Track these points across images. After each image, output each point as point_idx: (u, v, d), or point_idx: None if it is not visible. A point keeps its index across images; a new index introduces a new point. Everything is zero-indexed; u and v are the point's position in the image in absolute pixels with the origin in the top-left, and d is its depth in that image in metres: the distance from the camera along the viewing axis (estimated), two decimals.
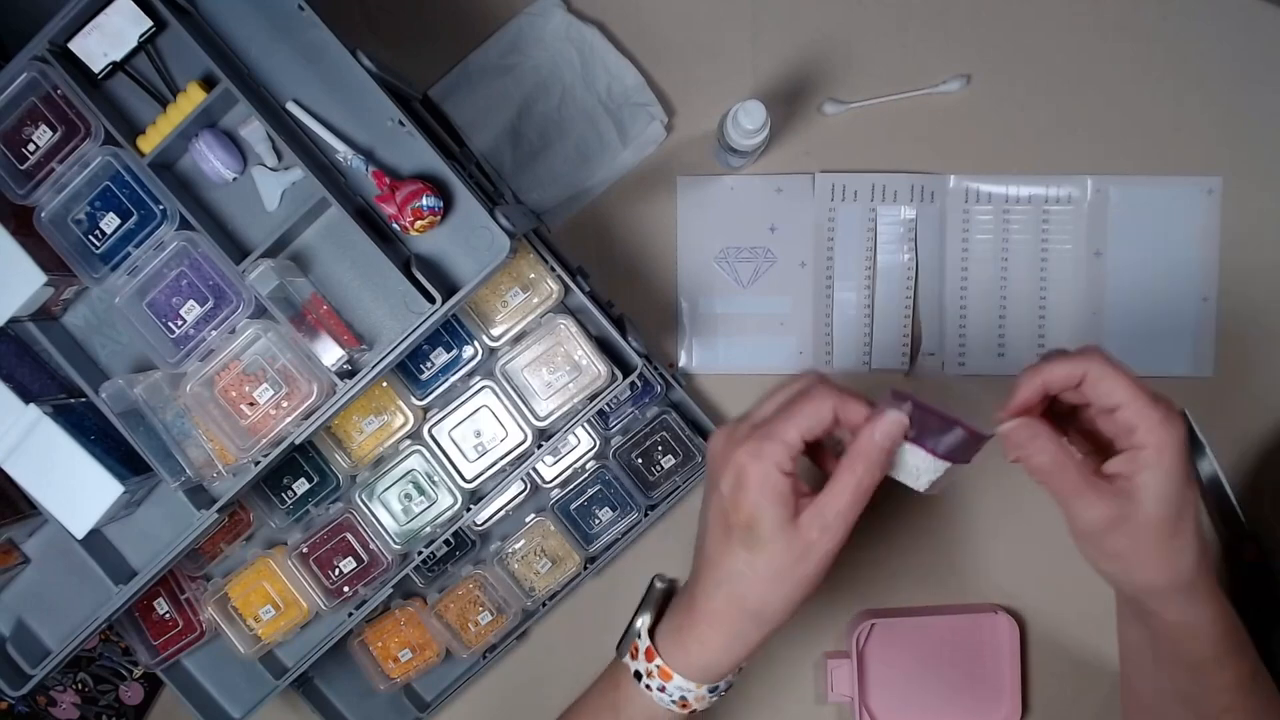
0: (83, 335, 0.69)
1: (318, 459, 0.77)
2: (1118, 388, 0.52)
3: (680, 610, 0.59)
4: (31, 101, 0.64)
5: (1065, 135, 0.86)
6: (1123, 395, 0.52)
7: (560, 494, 0.83)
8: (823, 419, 0.54)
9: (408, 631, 0.82)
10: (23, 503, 0.70)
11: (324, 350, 0.64)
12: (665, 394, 0.84)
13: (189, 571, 0.78)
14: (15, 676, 0.70)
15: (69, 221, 0.65)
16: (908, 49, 0.86)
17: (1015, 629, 0.84)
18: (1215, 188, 0.85)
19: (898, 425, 0.54)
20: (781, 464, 0.53)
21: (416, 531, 0.76)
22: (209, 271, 0.65)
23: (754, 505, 0.53)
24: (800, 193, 0.86)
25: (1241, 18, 0.85)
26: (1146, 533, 0.53)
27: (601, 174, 0.86)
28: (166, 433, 0.66)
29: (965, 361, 0.86)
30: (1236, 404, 0.85)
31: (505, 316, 0.75)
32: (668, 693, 0.58)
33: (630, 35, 0.86)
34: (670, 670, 0.58)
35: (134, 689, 0.89)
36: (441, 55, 0.86)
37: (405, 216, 0.63)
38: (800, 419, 0.53)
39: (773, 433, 0.53)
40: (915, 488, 0.56)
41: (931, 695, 0.85)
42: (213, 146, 0.64)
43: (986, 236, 0.86)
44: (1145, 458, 0.52)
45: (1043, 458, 0.53)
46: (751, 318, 0.87)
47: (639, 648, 0.60)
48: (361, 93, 0.64)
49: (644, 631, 0.60)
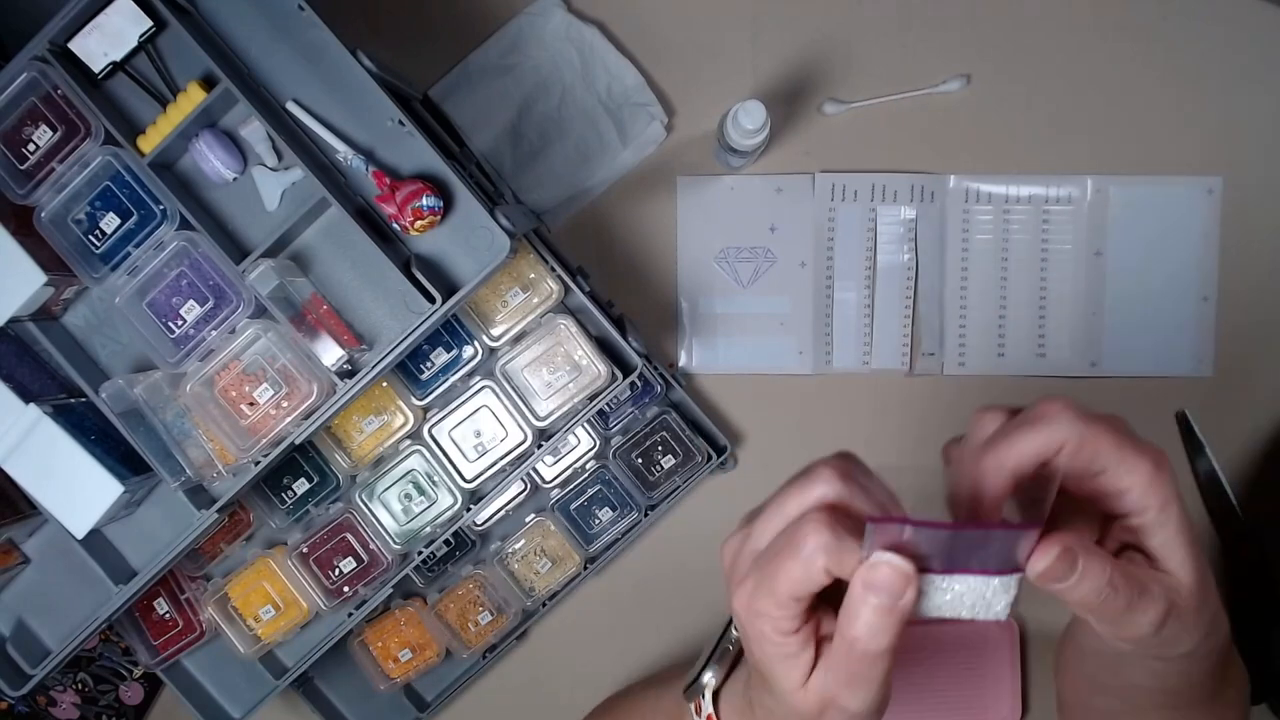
0: (83, 335, 0.69)
1: (318, 459, 0.77)
2: (1103, 449, 0.41)
3: (743, 690, 0.52)
4: (31, 101, 0.64)
5: (1065, 135, 0.86)
6: (1109, 457, 0.41)
7: (560, 494, 0.83)
8: (813, 579, 0.40)
9: (408, 631, 0.82)
10: (23, 503, 0.70)
11: (324, 350, 0.64)
12: (665, 394, 0.84)
13: (189, 571, 0.78)
14: (15, 676, 0.70)
15: (69, 221, 0.65)
16: (908, 49, 0.86)
17: (1015, 629, 0.84)
18: (1215, 188, 0.85)
19: (893, 577, 0.39)
20: (780, 627, 0.42)
21: (416, 531, 0.76)
22: (209, 271, 0.65)
23: (763, 666, 0.44)
24: (800, 193, 0.86)
25: (1241, 18, 0.85)
26: (1189, 603, 0.43)
27: (601, 174, 0.86)
28: (166, 433, 0.66)
29: (965, 361, 0.86)
30: (1236, 404, 0.85)
31: (505, 316, 0.75)
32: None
33: (630, 35, 0.86)
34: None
35: (134, 689, 0.89)
36: (441, 55, 0.86)
37: (405, 216, 0.63)
38: (787, 578, 0.40)
39: (763, 587, 0.41)
40: (992, 618, 0.43)
41: (931, 695, 0.85)
42: (213, 146, 0.64)
43: (986, 236, 0.86)
44: (1154, 520, 0.42)
45: (1094, 584, 0.40)
46: (751, 318, 0.87)
47: (702, 707, 0.53)
48: (361, 93, 0.64)
49: (708, 695, 0.53)
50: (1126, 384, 0.86)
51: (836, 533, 0.39)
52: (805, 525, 0.40)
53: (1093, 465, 0.41)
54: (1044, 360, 0.86)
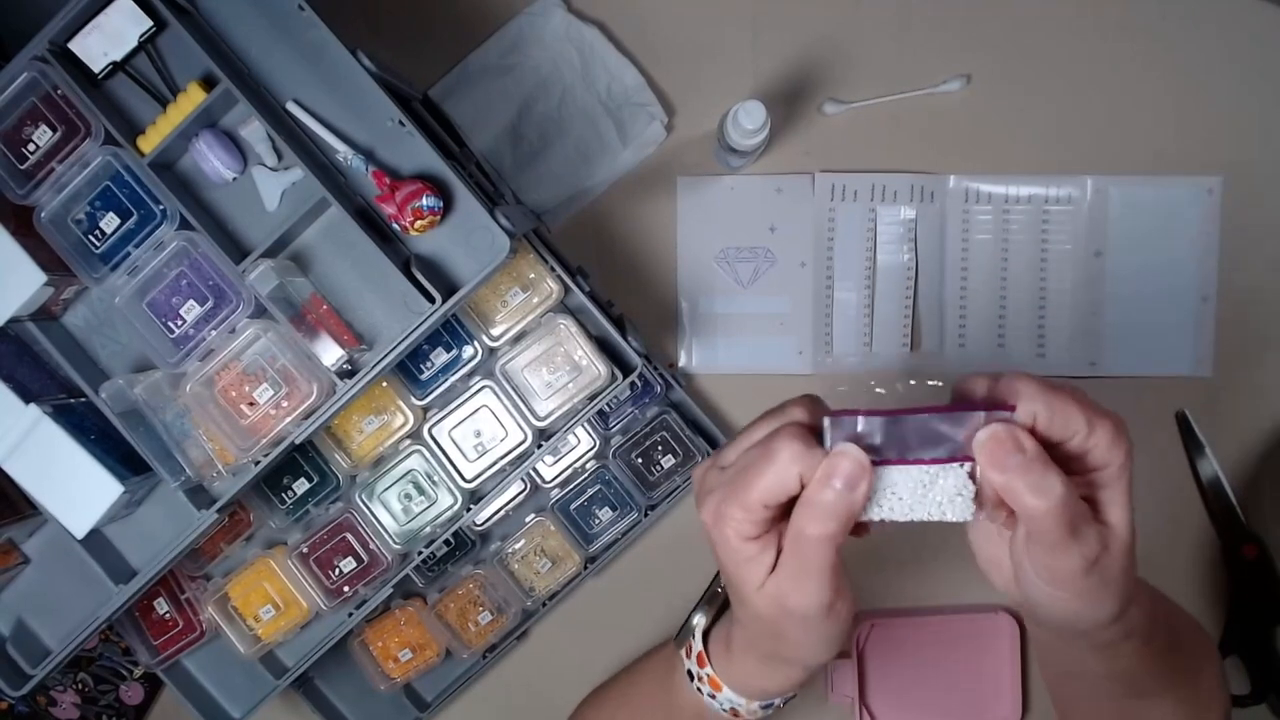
0: (83, 335, 0.69)
1: (318, 459, 0.77)
2: (1072, 416, 0.43)
3: (728, 624, 0.56)
4: (31, 101, 0.64)
5: (1065, 135, 0.86)
6: (1078, 421, 0.43)
7: (560, 494, 0.83)
8: (786, 485, 0.43)
9: (408, 631, 0.82)
10: (23, 503, 0.70)
11: (324, 350, 0.64)
12: (665, 394, 0.84)
13: (189, 571, 0.78)
14: (15, 676, 0.70)
15: (69, 221, 0.65)
16: (908, 49, 0.86)
17: (1015, 629, 0.84)
18: (1215, 188, 0.85)
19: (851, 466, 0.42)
20: (742, 531, 0.45)
21: (416, 531, 0.76)
22: (209, 271, 0.65)
23: (726, 570, 0.47)
24: (800, 193, 0.86)
25: (1241, 18, 0.85)
26: (1118, 556, 0.45)
27: (601, 174, 0.86)
28: (166, 433, 0.66)
29: (965, 361, 0.86)
30: (1236, 404, 0.85)
31: (505, 316, 0.75)
32: (719, 701, 0.57)
33: (630, 35, 0.86)
34: (720, 682, 0.56)
35: (134, 689, 0.89)
36: (441, 55, 0.86)
37: (405, 216, 0.62)
38: (760, 483, 0.43)
39: (734, 494, 0.44)
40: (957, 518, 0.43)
41: (931, 695, 0.85)
42: (213, 146, 0.64)
43: (986, 236, 0.86)
44: (1113, 476, 0.44)
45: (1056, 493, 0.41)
46: (751, 318, 0.87)
47: (692, 648, 0.58)
48: (361, 93, 0.64)
49: (698, 634, 0.58)
50: (1126, 384, 0.86)
51: (808, 441, 0.43)
52: (779, 436, 0.44)
53: (1065, 431, 0.43)
54: (1043, 360, 0.86)
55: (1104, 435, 0.43)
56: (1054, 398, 0.42)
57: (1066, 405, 0.43)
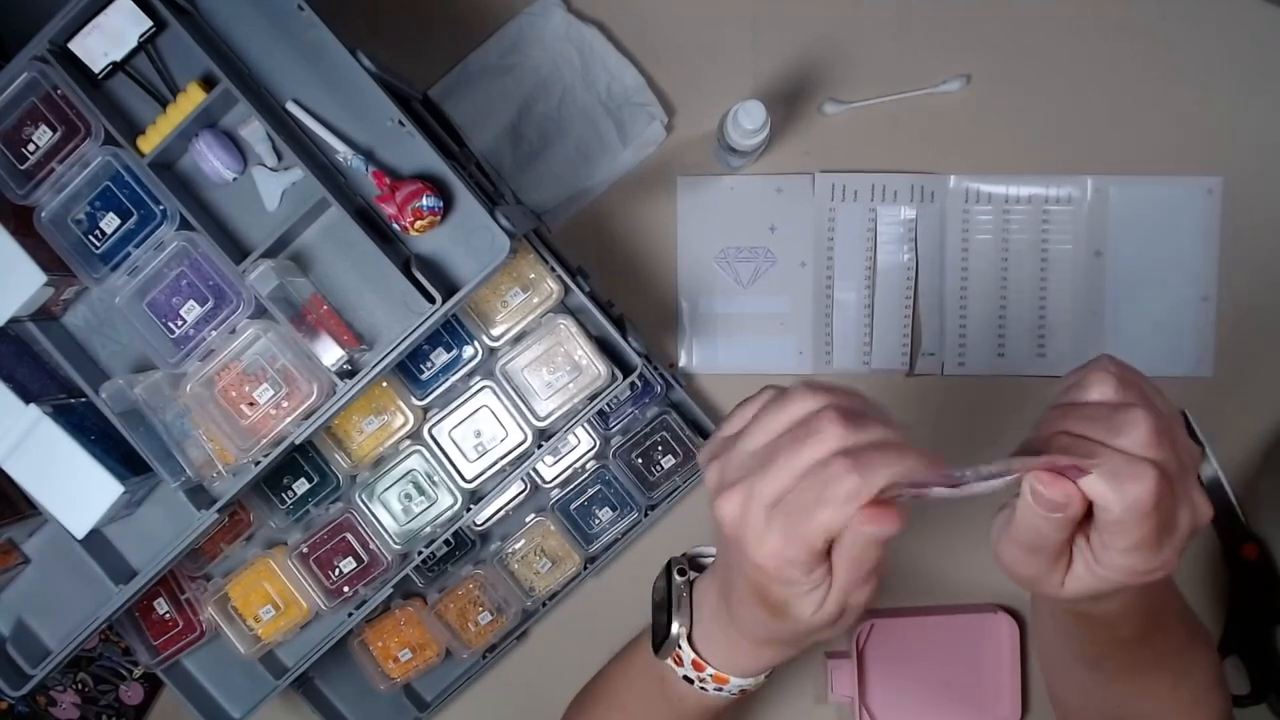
0: (83, 335, 0.69)
1: (318, 459, 0.76)
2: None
3: (722, 621, 0.55)
4: (31, 101, 0.64)
5: (1065, 135, 0.86)
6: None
7: (560, 494, 0.83)
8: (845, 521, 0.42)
9: (408, 631, 0.82)
10: (23, 503, 0.70)
11: (324, 350, 0.64)
12: (665, 394, 0.84)
13: (189, 571, 0.78)
14: (15, 676, 0.70)
15: (69, 221, 0.65)
16: (908, 49, 0.86)
17: (1015, 629, 0.84)
18: (1215, 188, 0.85)
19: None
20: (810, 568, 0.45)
21: (416, 531, 0.76)
22: (209, 271, 0.65)
23: (770, 594, 0.47)
24: (800, 193, 0.86)
25: (1241, 18, 0.85)
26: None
27: (601, 174, 0.86)
28: (166, 433, 0.66)
29: (965, 361, 0.86)
30: (1236, 404, 0.85)
31: (505, 316, 0.75)
32: (727, 690, 0.57)
33: (630, 35, 0.86)
34: (726, 675, 0.56)
35: (134, 689, 0.89)
36: (441, 55, 0.86)
37: (405, 216, 0.62)
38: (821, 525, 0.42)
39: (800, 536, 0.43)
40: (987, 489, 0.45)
41: (931, 695, 0.85)
42: (213, 146, 0.64)
43: (986, 236, 0.86)
44: None
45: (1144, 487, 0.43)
46: (751, 318, 0.87)
47: (683, 658, 0.57)
48: (361, 93, 0.64)
49: (684, 643, 0.56)
50: None
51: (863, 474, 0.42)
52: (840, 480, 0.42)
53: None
54: (1044, 360, 0.86)
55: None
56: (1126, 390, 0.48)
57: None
